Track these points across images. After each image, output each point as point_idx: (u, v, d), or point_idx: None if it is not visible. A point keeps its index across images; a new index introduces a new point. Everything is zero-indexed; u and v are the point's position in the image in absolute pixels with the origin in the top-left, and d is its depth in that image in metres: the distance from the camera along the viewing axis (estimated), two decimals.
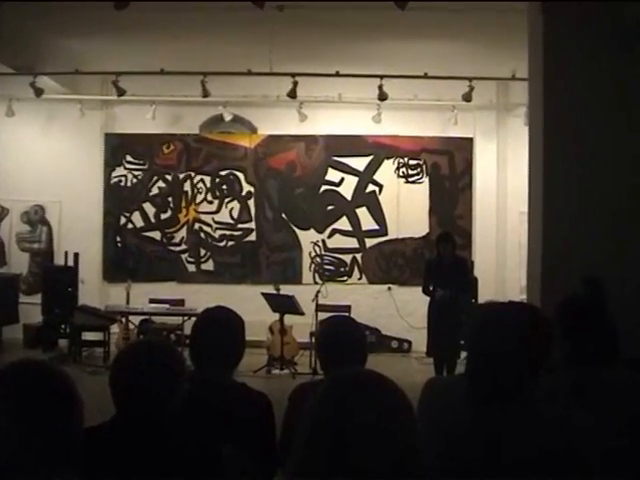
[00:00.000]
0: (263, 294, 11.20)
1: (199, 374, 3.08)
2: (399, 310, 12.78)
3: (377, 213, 13.23)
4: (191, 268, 13.32)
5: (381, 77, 10.97)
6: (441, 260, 9.60)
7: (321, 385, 1.70)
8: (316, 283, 12.52)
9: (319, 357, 3.40)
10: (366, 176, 13.24)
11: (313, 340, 10.81)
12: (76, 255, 12.00)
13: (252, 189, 13.31)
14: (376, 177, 13.23)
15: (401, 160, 13.20)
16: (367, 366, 3.10)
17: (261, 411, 3.15)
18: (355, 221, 13.24)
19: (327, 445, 1.58)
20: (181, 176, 13.36)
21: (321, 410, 1.61)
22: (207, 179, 13.35)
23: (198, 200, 13.35)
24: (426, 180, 13.23)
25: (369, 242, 13.24)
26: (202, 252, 13.34)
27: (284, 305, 10.98)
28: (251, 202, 13.32)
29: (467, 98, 11.12)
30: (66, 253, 12.32)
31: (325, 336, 3.36)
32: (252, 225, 13.31)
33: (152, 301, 12.12)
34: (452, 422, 2.43)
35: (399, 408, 1.64)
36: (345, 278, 13.20)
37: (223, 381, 3.16)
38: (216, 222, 13.33)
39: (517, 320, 2.41)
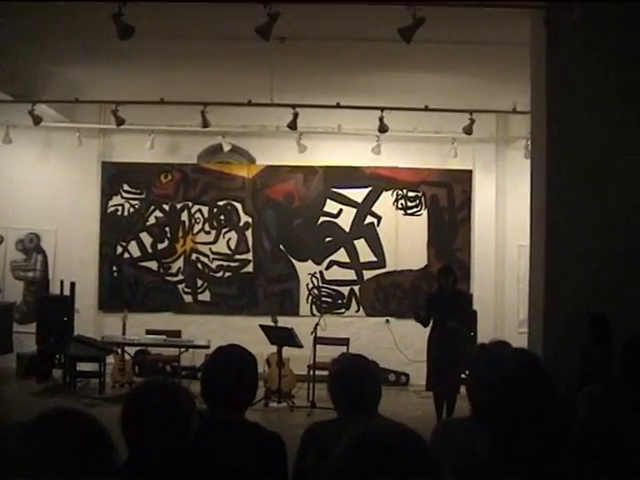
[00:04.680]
0: (261, 326, 11.06)
1: (212, 413, 2.99)
2: (397, 343, 12.66)
3: (375, 245, 13.15)
4: (188, 299, 13.21)
5: (381, 109, 10.92)
6: (442, 293, 9.54)
7: (346, 438, 1.63)
8: (313, 315, 12.41)
9: (334, 397, 3.30)
10: (365, 208, 13.17)
11: (311, 373, 10.74)
12: (72, 284, 11.86)
13: (250, 220, 13.24)
14: (375, 209, 13.17)
15: (400, 192, 13.15)
16: None
17: (274, 452, 3.07)
18: (353, 253, 13.16)
19: None
20: (178, 206, 13.28)
21: (349, 468, 1.56)
22: (205, 209, 13.27)
23: (195, 230, 13.26)
24: (425, 212, 13.17)
25: (367, 274, 13.14)
26: (199, 283, 13.23)
27: (282, 337, 10.85)
28: (249, 233, 13.25)
29: (468, 131, 11.08)
30: (62, 282, 12.17)
31: (344, 378, 3.26)
32: (249, 256, 13.22)
33: (149, 332, 12.00)
34: (468, 466, 2.36)
35: (430, 467, 1.57)
36: (343, 310, 13.09)
37: (236, 421, 3.07)
38: (213, 253, 13.23)
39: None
